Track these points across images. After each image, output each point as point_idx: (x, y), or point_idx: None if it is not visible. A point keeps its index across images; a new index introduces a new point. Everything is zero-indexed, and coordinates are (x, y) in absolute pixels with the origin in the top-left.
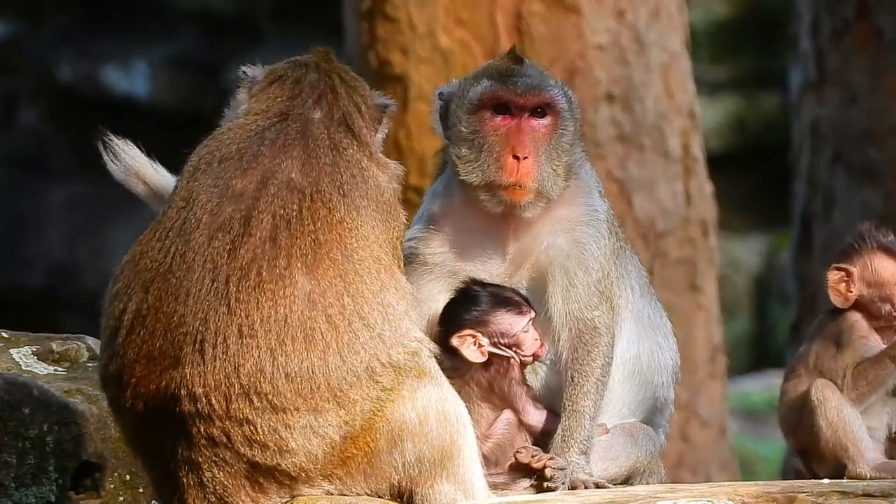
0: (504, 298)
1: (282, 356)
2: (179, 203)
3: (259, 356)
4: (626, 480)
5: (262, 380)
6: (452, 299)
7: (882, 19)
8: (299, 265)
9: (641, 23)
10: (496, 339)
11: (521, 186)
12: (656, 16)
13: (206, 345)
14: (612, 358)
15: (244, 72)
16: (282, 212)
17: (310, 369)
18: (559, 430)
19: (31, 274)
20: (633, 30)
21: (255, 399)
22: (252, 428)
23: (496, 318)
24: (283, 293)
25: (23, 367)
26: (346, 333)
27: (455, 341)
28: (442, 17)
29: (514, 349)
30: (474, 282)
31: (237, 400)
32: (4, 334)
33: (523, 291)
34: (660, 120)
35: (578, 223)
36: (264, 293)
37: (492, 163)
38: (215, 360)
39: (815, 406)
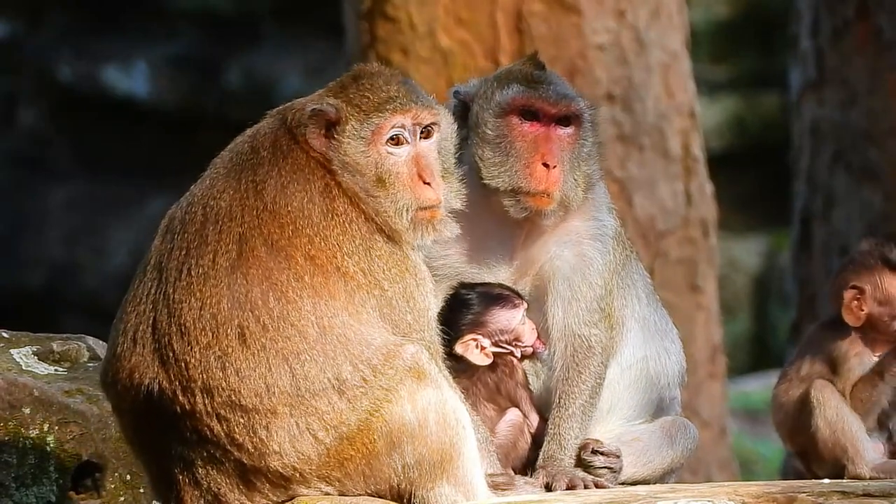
0: (495, 296)
1: (224, 356)
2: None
3: (200, 355)
4: (659, 480)
5: (214, 378)
6: (445, 307)
7: (882, 19)
8: (224, 263)
9: (641, 23)
10: (497, 338)
11: (548, 195)
12: (656, 16)
13: (160, 345)
14: (603, 379)
15: None
16: (212, 202)
17: (257, 370)
18: (541, 453)
19: (31, 274)
20: (633, 30)
21: (216, 396)
22: (228, 425)
23: (493, 317)
24: (210, 293)
25: (23, 367)
26: (281, 339)
27: (459, 348)
28: (442, 17)
29: (514, 343)
30: (462, 286)
31: (203, 395)
32: (5, 334)
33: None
34: (660, 120)
35: (587, 237)
36: (194, 295)
37: (520, 169)
38: (169, 361)
39: (813, 406)
